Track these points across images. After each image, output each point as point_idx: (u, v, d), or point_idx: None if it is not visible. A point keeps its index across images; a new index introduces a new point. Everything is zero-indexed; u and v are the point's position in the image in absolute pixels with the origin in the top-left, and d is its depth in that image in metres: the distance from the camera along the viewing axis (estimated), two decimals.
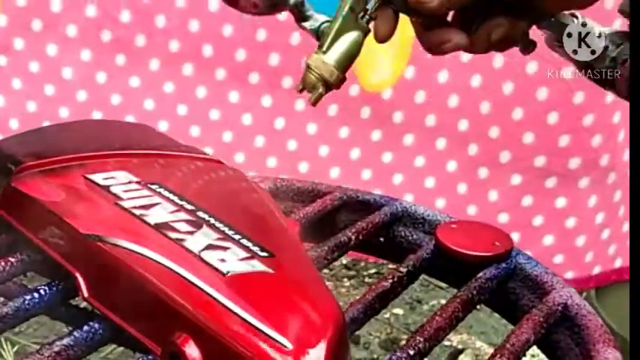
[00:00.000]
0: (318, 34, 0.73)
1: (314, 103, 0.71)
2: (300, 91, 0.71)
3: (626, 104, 0.69)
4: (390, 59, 1.37)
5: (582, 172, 1.38)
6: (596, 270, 1.49)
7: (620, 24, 1.13)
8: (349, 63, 0.70)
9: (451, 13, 0.71)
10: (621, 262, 1.50)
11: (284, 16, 1.35)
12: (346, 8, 0.68)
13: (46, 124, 1.49)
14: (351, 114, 1.42)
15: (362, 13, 0.68)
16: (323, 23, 0.72)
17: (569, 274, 1.47)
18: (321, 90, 0.70)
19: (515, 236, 1.40)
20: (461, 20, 0.71)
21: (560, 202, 1.40)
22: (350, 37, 0.68)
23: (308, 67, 0.69)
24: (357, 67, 1.37)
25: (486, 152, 1.39)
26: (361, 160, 1.46)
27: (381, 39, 0.70)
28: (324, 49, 0.69)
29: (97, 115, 1.50)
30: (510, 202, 1.42)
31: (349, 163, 1.47)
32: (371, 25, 0.69)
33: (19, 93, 1.50)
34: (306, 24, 0.74)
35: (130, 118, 1.49)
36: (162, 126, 1.48)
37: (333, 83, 0.69)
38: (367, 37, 0.69)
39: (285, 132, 1.47)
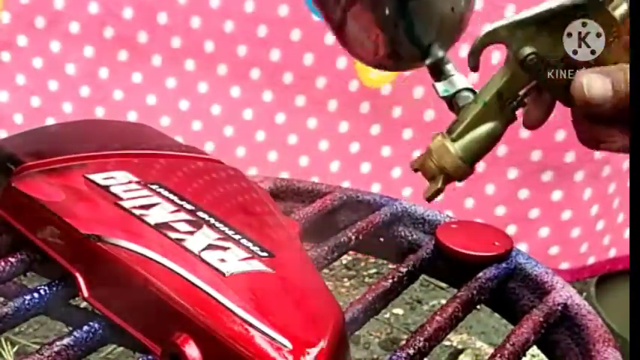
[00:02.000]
0: (451, 102, 0.64)
1: (429, 199, 0.63)
2: (415, 170, 0.64)
3: None
4: None
5: (577, 166, 1.38)
6: (591, 260, 1.50)
7: None
8: (479, 157, 0.61)
9: None
10: (615, 252, 1.51)
11: (284, 11, 1.36)
12: (492, 93, 0.60)
13: (49, 119, 1.50)
14: (351, 109, 1.42)
15: (510, 99, 0.60)
16: (461, 91, 0.63)
17: (565, 265, 1.47)
18: (440, 185, 0.62)
19: (511, 229, 1.41)
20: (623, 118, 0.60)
21: (556, 195, 1.41)
22: (487, 128, 0.60)
23: (429, 152, 0.62)
24: (356, 62, 1.38)
25: None
26: (361, 155, 1.46)
27: (532, 126, 0.63)
28: (454, 136, 0.61)
29: (99, 111, 1.50)
30: (507, 196, 1.43)
31: (349, 158, 1.47)
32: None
33: (23, 89, 1.50)
34: (440, 86, 0.64)
35: (132, 114, 1.49)
36: (165, 121, 1.48)
37: (456, 177, 0.62)
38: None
39: (286, 127, 1.47)
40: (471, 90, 0.62)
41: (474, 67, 0.59)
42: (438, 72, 0.64)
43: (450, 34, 0.62)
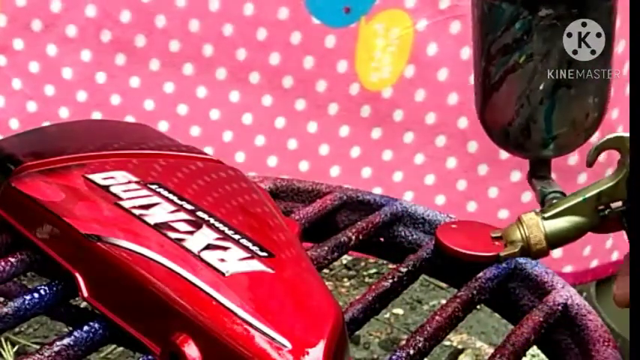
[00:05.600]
0: (544, 200, 0.68)
1: (501, 259, 0.67)
2: (495, 238, 0.69)
3: (626, 103, 0.69)
4: (390, 58, 1.37)
5: (581, 168, 1.38)
6: (594, 263, 1.50)
7: (619, 24, 1.13)
8: (560, 243, 0.66)
9: None
10: (618, 255, 1.51)
11: (284, 14, 1.36)
12: (594, 192, 0.64)
13: (45, 124, 1.49)
14: (352, 113, 1.42)
15: (603, 207, 0.64)
16: (554, 192, 0.68)
17: (568, 268, 1.47)
18: (517, 250, 0.66)
19: None
20: None
21: None
22: (577, 220, 0.65)
23: (519, 221, 0.66)
24: (357, 65, 1.38)
25: (486, 149, 1.39)
26: (361, 159, 1.46)
27: (619, 304, 0.65)
28: (547, 215, 0.66)
29: (97, 116, 1.49)
30: (510, 199, 1.42)
31: (349, 162, 1.47)
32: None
33: (19, 93, 1.50)
34: (538, 183, 0.70)
35: (130, 118, 1.48)
36: (163, 126, 1.48)
37: (533, 252, 0.66)
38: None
39: (286, 131, 1.46)
40: (562, 193, 0.68)
41: (591, 164, 0.64)
42: (540, 171, 0.70)
43: (572, 137, 0.67)
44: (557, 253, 1.44)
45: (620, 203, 0.64)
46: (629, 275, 0.61)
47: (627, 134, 0.61)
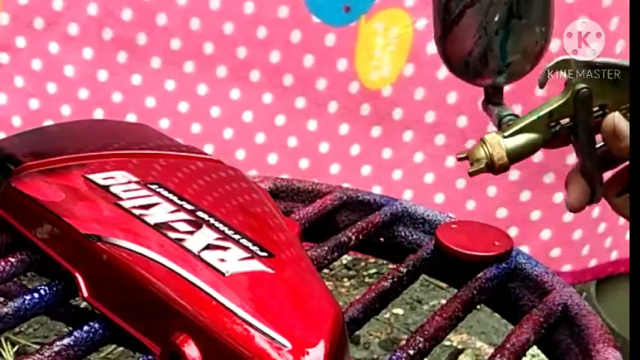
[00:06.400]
0: (500, 122, 0.73)
1: (471, 174, 0.72)
2: (460, 159, 0.72)
3: None
4: (389, 57, 1.37)
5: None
6: (593, 263, 1.50)
7: (617, 23, 1.13)
8: (519, 158, 0.71)
9: None
10: (617, 254, 1.51)
11: (284, 13, 1.36)
12: (546, 110, 0.70)
13: (48, 122, 1.50)
14: (351, 111, 1.42)
15: (555, 123, 0.70)
16: (509, 115, 0.73)
17: (567, 267, 1.47)
18: (482, 167, 0.71)
19: (513, 231, 1.40)
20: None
21: (558, 197, 1.40)
22: (532, 137, 0.70)
23: (483, 141, 0.71)
24: (357, 64, 1.38)
25: None
26: (361, 157, 1.46)
27: (571, 209, 0.73)
28: (506, 134, 0.70)
29: (98, 113, 1.49)
30: (509, 197, 1.42)
31: (349, 160, 1.47)
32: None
33: (21, 91, 1.50)
34: (494, 108, 0.74)
35: (131, 116, 1.48)
36: (164, 123, 1.48)
37: (496, 167, 0.71)
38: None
39: (286, 129, 1.46)
40: (517, 116, 0.73)
41: (543, 85, 0.70)
42: (494, 97, 0.75)
43: (523, 64, 0.73)
44: (555, 252, 1.44)
45: (568, 120, 0.69)
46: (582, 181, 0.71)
47: (573, 56, 0.69)
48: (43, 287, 0.71)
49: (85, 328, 0.67)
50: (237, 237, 0.70)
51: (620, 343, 0.71)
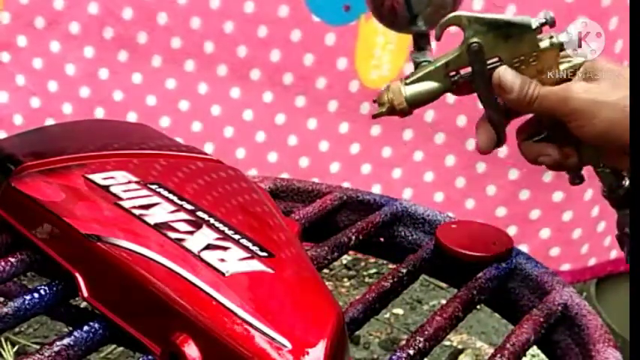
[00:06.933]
0: (416, 68, 0.77)
1: (374, 117, 0.78)
2: (374, 101, 0.77)
3: None
4: (389, 56, 1.37)
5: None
6: (592, 262, 1.50)
7: (617, 23, 1.13)
8: (419, 104, 0.76)
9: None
10: (616, 253, 1.51)
11: (284, 12, 1.36)
12: (442, 61, 0.74)
13: (49, 120, 1.50)
14: (351, 110, 1.42)
15: (454, 73, 0.74)
16: (424, 61, 0.76)
17: (566, 266, 1.47)
18: (384, 110, 0.76)
19: (512, 230, 1.40)
20: (530, 125, 0.76)
21: (557, 196, 1.40)
22: (431, 85, 0.75)
23: (387, 88, 0.76)
24: (357, 63, 1.38)
25: None
26: (361, 155, 1.46)
27: (483, 151, 0.76)
28: (408, 82, 0.75)
29: (99, 111, 1.50)
30: (508, 196, 1.43)
31: (349, 158, 1.47)
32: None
33: (23, 89, 1.50)
34: (415, 55, 0.77)
35: (132, 115, 1.49)
36: (164, 122, 1.48)
37: (397, 111, 0.75)
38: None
39: (286, 127, 1.47)
40: (430, 62, 0.76)
41: (438, 38, 0.74)
42: (419, 44, 0.78)
43: (434, 13, 0.76)
44: (555, 251, 1.44)
45: (469, 69, 0.73)
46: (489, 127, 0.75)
47: (469, 14, 0.72)
48: (43, 287, 0.71)
49: (85, 328, 0.67)
50: (237, 237, 0.70)
51: (620, 343, 0.71)
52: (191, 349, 0.60)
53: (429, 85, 0.75)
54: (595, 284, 1.69)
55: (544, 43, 0.72)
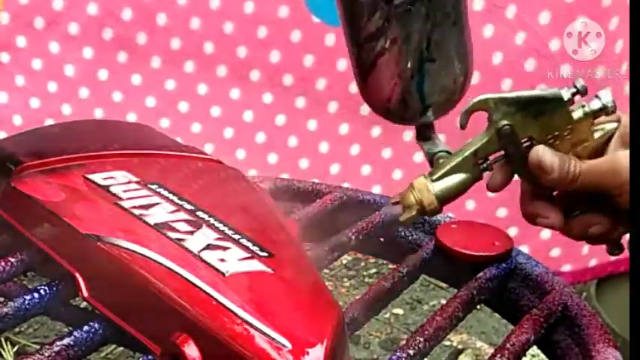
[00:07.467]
0: (432, 160, 0.73)
1: (404, 222, 0.72)
2: (394, 203, 0.73)
3: (625, 103, 0.69)
4: None
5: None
6: (593, 262, 1.50)
7: (617, 23, 1.13)
8: (449, 200, 0.71)
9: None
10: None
11: (284, 12, 1.36)
12: (471, 150, 0.70)
13: (48, 121, 1.50)
14: (351, 111, 1.42)
15: (482, 161, 0.71)
16: (440, 152, 0.73)
17: (567, 267, 1.47)
18: (414, 213, 0.71)
19: (513, 230, 1.40)
20: (565, 200, 0.73)
21: None
22: (461, 177, 0.71)
23: (412, 187, 0.71)
24: None
25: None
26: (361, 157, 1.46)
27: (493, 189, 0.74)
28: (434, 177, 0.71)
29: (98, 113, 1.50)
30: (509, 197, 1.42)
31: (349, 160, 1.47)
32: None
33: (22, 90, 1.50)
34: (425, 145, 0.75)
35: (131, 116, 1.49)
36: (164, 123, 1.48)
37: (428, 212, 0.71)
38: None
39: (286, 129, 1.47)
40: (448, 152, 0.74)
41: (463, 126, 0.70)
42: (425, 134, 0.75)
43: (445, 102, 0.74)
44: (555, 252, 1.44)
45: (497, 154, 0.70)
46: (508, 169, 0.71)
47: (491, 95, 0.68)
48: (43, 287, 0.71)
49: (85, 328, 0.67)
50: (237, 237, 0.70)
51: (620, 343, 0.70)
52: (191, 349, 0.60)
53: (458, 177, 0.71)
54: (595, 284, 1.69)
55: (577, 114, 0.68)
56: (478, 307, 0.77)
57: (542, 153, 0.68)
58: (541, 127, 0.68)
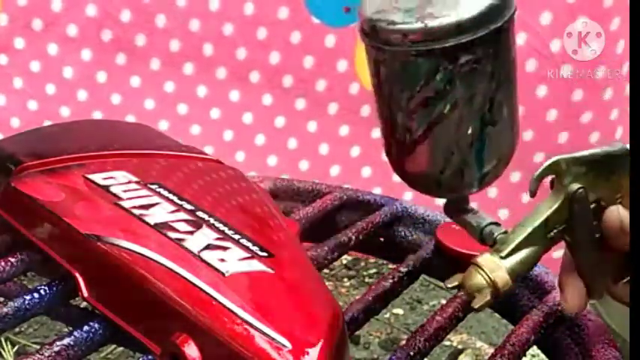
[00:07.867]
0: (482, 232, 0.68)
1: (477, 310, 0.64)
2: (456, 287, 0.66)
3: (625, 103, 0.69)
4: None
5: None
6: None
7: (619, 23, 1.13)
8: (521, 275, 0.65)
9: None
10: None
11: (284, 14, 1.36)
12: (541, 220, 0.64)
13: (47, 123, 1.50)
14: (351, 112, 1.42)
15: (553, 228, 0.65)
16: (489, 224, 0.68)
17: None
18: (488, 297, 0.63)
19: None
20: (616, 266, 0.67)
21: None
22: (532, 250, 0.64)
23: (478, 266, 0.65)
24: (357, 65, 1.38)
25: None
26: (361, 158, 1.47)
27: (571, 311, 0.67)
28: (503, 254, 0.64)
29: (97, 115, 1.50)
30: (510, 199, 1.42)
31: (349, 161, 1.47)
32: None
33: (20, 92, 1.50)
34: (467, 217, 0.69)
35: (130, 118, 1.49)
36: (163, 125, 1.48)
37: (502, 293, 0.64)
38: None
39: (286, 130, 1.47)
40: (497, 223, 0.68)
41: (533, 193, 0.64)
42: (462, 206, 0.70)
43: (498, 168, 0.67)
44: (557, 253, 1.44)
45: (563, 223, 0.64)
46: (578, 282, 0.65)
47: (563, 156, 0.63)
48: (43, 287, 0.71)
49: (85, 328, 0.67)
50: (237, 237, 0.70)
51: (620, 343, 0.70)
52: (191, 349, 0.60)
53: (529, 250, 0.64)
54: None
55: None
56: None
57: (624, 213, 0.63)
58: (610, 187, 0.64)
